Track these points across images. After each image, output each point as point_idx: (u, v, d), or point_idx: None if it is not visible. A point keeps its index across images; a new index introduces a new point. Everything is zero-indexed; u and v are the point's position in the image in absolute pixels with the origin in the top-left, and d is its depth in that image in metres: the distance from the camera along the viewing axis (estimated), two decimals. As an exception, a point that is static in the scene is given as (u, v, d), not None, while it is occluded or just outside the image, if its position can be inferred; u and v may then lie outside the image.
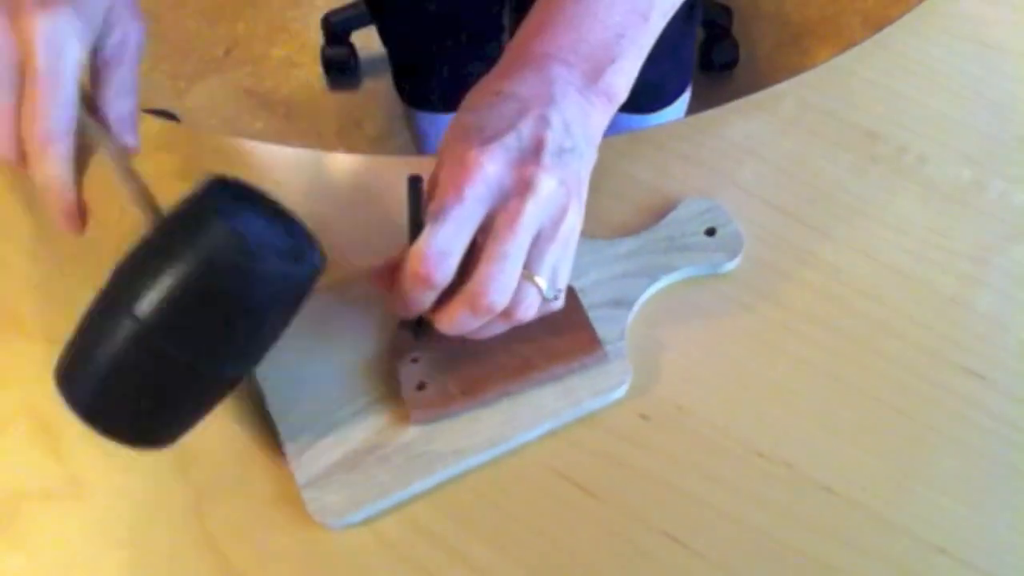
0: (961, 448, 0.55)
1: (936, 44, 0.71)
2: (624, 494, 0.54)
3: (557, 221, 0.51)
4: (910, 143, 0.66)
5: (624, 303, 0.58)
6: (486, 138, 0.50)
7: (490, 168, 0.49)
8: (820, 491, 0.54)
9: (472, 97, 0.53)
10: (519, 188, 0.50)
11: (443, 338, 0.55)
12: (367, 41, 1.69)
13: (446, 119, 1.29)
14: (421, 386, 0.55)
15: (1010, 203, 0.63)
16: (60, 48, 0.53)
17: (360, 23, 1.69)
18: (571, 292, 0.57)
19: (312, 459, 0.53)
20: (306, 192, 0.66)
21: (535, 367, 0.55)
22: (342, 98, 1.72)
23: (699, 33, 1.69)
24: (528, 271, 0.51)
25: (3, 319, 0.60)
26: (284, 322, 0.51)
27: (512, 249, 0.50)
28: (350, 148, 1.66)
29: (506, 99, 0.51)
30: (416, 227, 0.51)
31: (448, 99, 0.55)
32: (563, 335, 0.56)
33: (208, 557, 0.53)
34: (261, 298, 0.48)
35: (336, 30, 1.70)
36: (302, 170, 0.68)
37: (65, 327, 0.59)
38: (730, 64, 1.69)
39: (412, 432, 0.54)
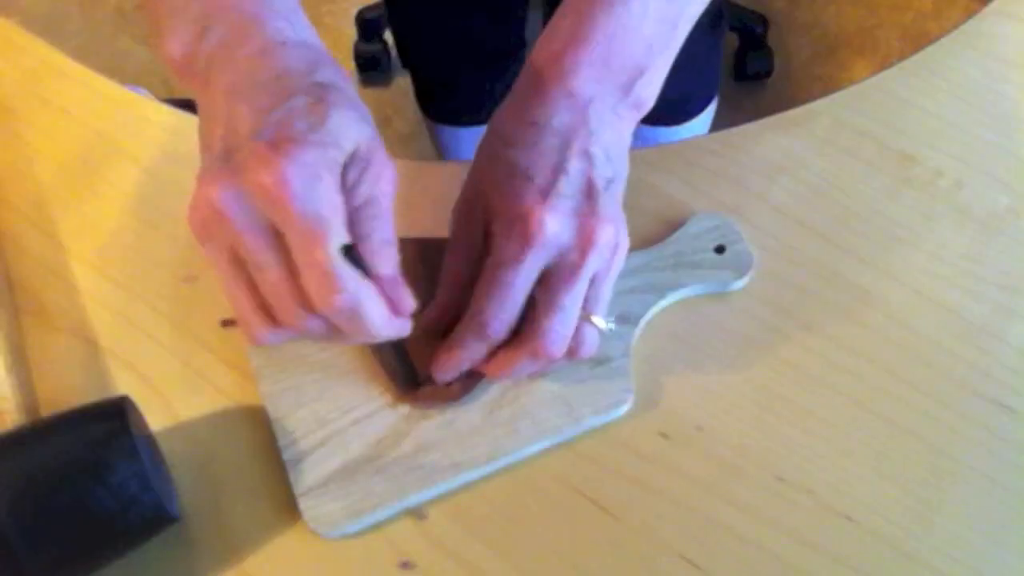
0: (986, 482, 0.54)
1: (977, 66, 0.69)
2: (641, 513, 0.53)
3: (610, 261, 0.52)
4: (946, 167, 0.65)
5: (630, 319, 0.58)
6: (541, 188, 0.50)
7: (552, 226, 0.50)
8: (840, 519, 0.53)
9: (506, 126, 0.52)
10: (581, 243, 0.50)
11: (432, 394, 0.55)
12: (400, 38, 1.68)
13: (469, 132, 1.29)
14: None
15: (1047, 232, 0.62)
16: (313, 194, 0.43)
17: (394, 20, 1.69)
18: None
19: (310, 468, 0.53)
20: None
21: None
22: (373, 94, 1.71)
23: (733, 41, 1.67)
24: (585, 312, 0.52)
25: (27, 310, 0.60)
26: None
27: (571, 301, 0.51)
28: (379, 144, 1.66)
29: (544, 133, 0.51)
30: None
31: (472, 114, 0.54)
32: None
33: (220, 557, 0.52)
34: (123, 515, 0.47)
35: (369, 26, 1.70)
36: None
37: (88, 320, 0.59)
38: (764, 74, 1.68)
39: (411, 443, 0.54)
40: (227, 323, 0.59)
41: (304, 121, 0.44)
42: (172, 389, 0.57)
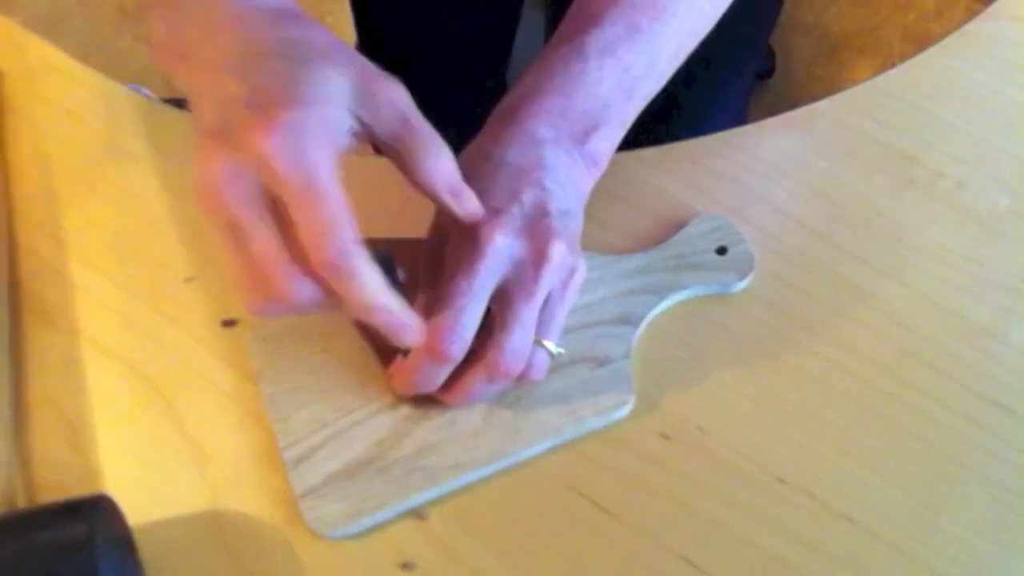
0: (987, 483, 0.54)
1: (979, 68, 0.69)
2: (641, 514, 0.53)
3: (565, 284, 0.52)
4: (948, 168, 0.65)
5: (631, 321, 0.58)
6: (491, 209, 0.51)
7: (500, 241, 0.50)
8: (841, 521, 0.53)
9: (465, 164, 0.53)
10: (534, 257, 0.50)
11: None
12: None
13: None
14: None
15: (1048, 234, 0.62)
16: (304, 155, 0.43)
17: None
18: None
19: (311, 469, 0.53)
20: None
21: None
22: (374, 93, 1.72)
23: (736, 42, 1.67)
24: (537, 335, 0.52)
25: (29, 310, 0.60)
26: None
27: (528, 317, 0.51)
28: (380, 144, 1.66)
29: (498, 166, 0.52)
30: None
31: (462, 134, 0.55)
32: None
33: (221, 557, 0.52)
34: None
35: (371, 25, 1.70)
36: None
37: (90, 320, 0.59)
38: (766, 74, 1.68)
39: (412, 444, 0.54)
40: (227, 323, 0.59)
41: (283, 82, 0.44)
42: (172, 389, 0.57)
